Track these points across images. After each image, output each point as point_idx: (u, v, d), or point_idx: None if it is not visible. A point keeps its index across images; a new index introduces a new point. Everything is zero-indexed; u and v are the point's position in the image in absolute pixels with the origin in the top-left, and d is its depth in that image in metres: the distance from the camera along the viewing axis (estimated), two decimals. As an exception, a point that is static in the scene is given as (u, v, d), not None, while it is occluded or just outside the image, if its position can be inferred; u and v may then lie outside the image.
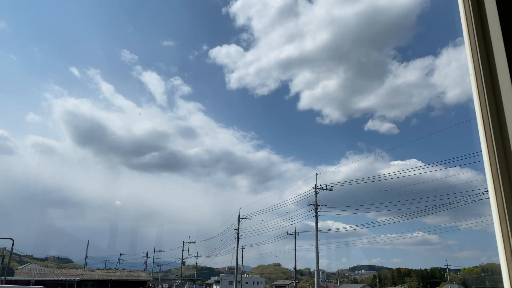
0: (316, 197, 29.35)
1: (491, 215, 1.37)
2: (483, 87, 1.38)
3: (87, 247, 61.35)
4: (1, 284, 24.36)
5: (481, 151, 1.43)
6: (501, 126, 1.34)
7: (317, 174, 32.07)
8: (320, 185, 30.47)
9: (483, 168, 1.42)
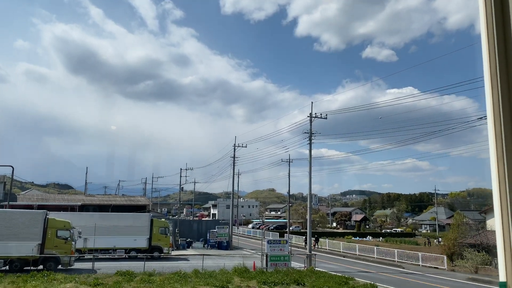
0: (311, 125, 29.57)
1: (482, 142, 1.35)
2: (491, 5, 1.29)
3: (86, 174, 62.71)
4: (5, 208, 25.21)
5: (481, 77, 1.38)
6: (506, 44, 1.27)
7: (312, 102, 32.05)
8: (315, 113, 30.52)
9: (478, 96, 1.39)
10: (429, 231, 69.00)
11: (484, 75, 1.34)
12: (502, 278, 1.23)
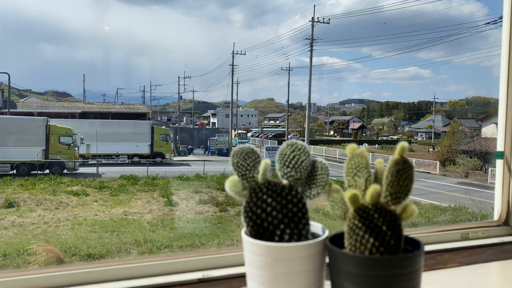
0: (312, 30, 28.52)
1: (487, 48, 1.29)
2: None
3: (83, 82, 62.10)
4: (5, 115, 25.37)
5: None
6: None
7: (314, 5, 30.53)
8: (317, 18, 29.26)
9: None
10: (424, 139, 70.51)
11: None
12: (500, 148, 1.25)
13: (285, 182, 0.69)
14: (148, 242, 9.88)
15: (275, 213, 0.68)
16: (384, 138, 69.60)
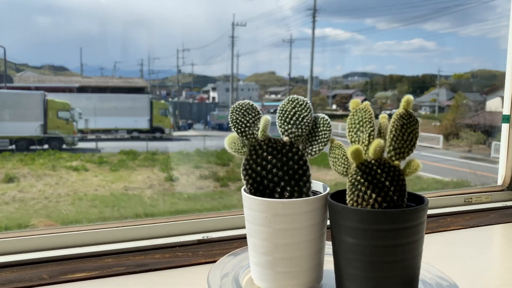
0: (315, 0, 27.93)
1: (494, 19, 1.27)
2: None
3: (80, 55, 61.41)
4: (2, 90, 25.21)
5: None
6: None
7: (315, -24, 29.79)
8: (318, -11, 28.61)
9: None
10: (428, 113, 70.18)
11: None
12: (506, 111, 1.24)
13: (285, 139, 0.67)
14: (149, 216, 9.98)
15: (276, 170, 0.66)
16: (387, 112, 69.14)
